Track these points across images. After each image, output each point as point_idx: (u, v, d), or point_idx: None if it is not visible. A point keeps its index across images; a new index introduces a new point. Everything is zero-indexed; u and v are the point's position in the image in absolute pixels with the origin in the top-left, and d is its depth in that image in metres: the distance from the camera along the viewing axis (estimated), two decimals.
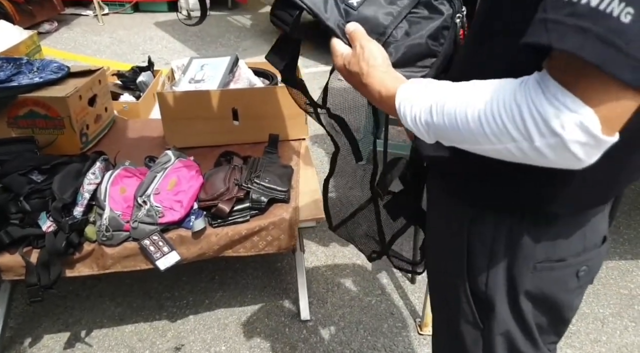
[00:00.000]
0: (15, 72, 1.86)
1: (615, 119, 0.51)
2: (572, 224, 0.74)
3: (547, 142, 0.53)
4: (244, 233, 1.59)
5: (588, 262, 0.77)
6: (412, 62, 0.82)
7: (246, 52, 4.65)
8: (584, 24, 0.47)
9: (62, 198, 1.51)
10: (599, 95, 0.50)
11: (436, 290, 0.95)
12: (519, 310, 0.78)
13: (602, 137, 0.51)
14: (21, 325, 1.85)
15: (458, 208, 0.80)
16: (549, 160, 0.55)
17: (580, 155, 0.53)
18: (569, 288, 0.78)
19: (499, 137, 0.56)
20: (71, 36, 5.01)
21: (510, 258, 0.75)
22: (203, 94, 1.94)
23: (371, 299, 1.99)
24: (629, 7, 0.46)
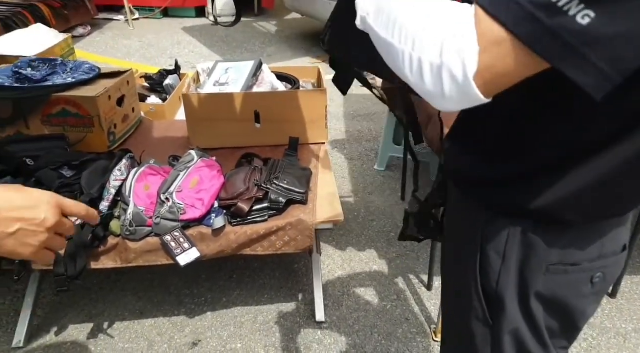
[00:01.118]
0: (50, 72, 1.95)
1: (494, 76, 0.53)
2: (588, 231, 0.74)
3: (430, 59, 0.55)
4: (262, 232, 1.63)
5: (604, 269, 0.77)
6: None
7: (271, 58, 4.72)
8: (539, 15, 0.49)
9: (90, 193, 1.57)
10: (494, 49, 0.52)
11: (448, 287, 0.96)
12: (529, 311, 0.79)
13: (471, 81, 0.53)
14: (48, 315, 1.92)
15: (474, 209, 0.82)
16: (422, 81, 0.57)
17: (446, 89, 0.55)
18: (582, 293, 0.78)
19: (408, 38, 0.58)
20: (103, 40, 5.17)
21: (522, 259, 0.76)
22: (227, 97, 1.99)
23: (386, 304, 2.00)
24: (589, 10, 0.47)
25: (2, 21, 3.97)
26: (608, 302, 2.01)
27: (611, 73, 0.49)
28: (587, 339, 1.85)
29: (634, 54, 0.49)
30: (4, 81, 1.87)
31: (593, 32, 0.47)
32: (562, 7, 0.47)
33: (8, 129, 1.91)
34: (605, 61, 0.49)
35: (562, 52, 0.49)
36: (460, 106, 0.58)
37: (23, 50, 2.67)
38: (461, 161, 0.83)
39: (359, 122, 3.50)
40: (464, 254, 0.84)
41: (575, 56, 0.49)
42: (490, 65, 0.52)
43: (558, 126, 0.66)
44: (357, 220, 2.47)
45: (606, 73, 0.49)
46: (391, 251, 2.27)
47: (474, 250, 0.81)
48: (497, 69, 0.53)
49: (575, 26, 0.47)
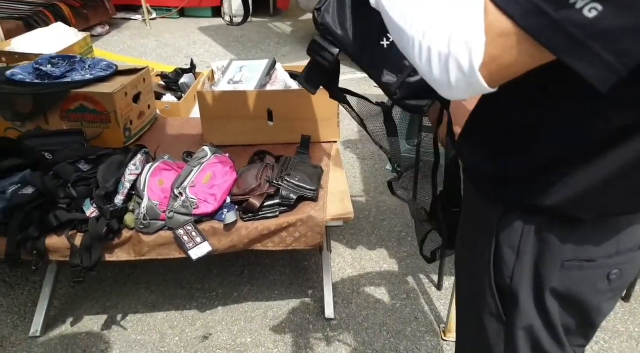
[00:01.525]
0: (69, 69, 2.00)
1: (500, 67, 0.54)
2: (603, 227, 0.73)
3: (438, 48, 0.56)
4: (273, 228, 1.65)
5: (621, 266, 0.76)
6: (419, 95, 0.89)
7: (285, 58, 4.75)
8: (546, 8, 0.49)
9: (105, 186, 1.61)
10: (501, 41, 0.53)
11: (462, 283, 0.96)
12: (544, 307, 0.78)
13: (477, 72, 0.54)
14: (64, 306, 1.96)
15: (490, 205, 0.81)
16: (430, 70, 0.58)
17: (452, 78, 0.56)
18: (598, 290, 0.77)
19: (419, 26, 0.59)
20: (121, 39, 5.24)
21: (537, 255, 0.76)
22: (240, 94, 2.02)
23: (396, 303, 2.01)
24: (596, 3, 0.47)
25: (23, 20, 4.06)
26: (621, 305, 1.99)
27: (617, 65, 0.50)
28: (599, 342, 1.84)
29: (638, 47, 0.49)
30: (25, 77, 1.92)
31: (600, 25, 0.48)
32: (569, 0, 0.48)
33: (28, 124, 1.97)
34: (611, 54, 0.49)
35: (569, 45, 0.50)
36: (466, 95, 0.59)
37: (43, 49, 2.73)
38: (474, 159, 0.84)
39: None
40: (478, 249, 0.84)
41: (581, 49, 0.50)
42: (496, 57, 0.53)
43: (568, 124, 0.66)
44: (368, 220, 2.49)
45: (612, 65, 0.50)
46: (402, 250, 2.28)
47: (488, 245, 0.81)
48: (503, 61, 0.54)
49: (582, 19, 0.48)
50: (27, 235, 1.55)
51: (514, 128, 0.74)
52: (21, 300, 1.98)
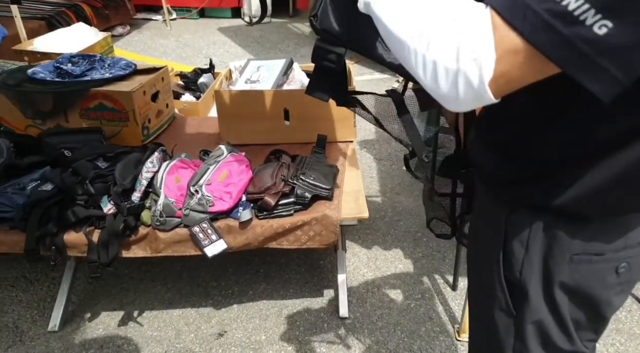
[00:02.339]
0: (89, 67, 2.03)
1: (508, 81, 0.54)
2: (610, 223, 0.73)
3: (445, 63, 0.55)
4: (287, 226, 1.65)
5: (629, 259, 0.76)
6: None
7: (304, 58, 4.76)
8: (556, 24, 0.49)
9: (123, 183, 1.63)
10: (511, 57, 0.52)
11: (473, 278, 0.97)
12: (553, 301, 0.78)
13: (487, 86, 0.53)
14: (82, 301, 1.99)
15: (498, 201, 0.82)
16: (436, 85, 0.57)
17: (461, 93, 0.55)
18: (607, 283, 0.77)
19: (422, 36, 0.57)
20: (141, 39, 5.32)
21: (546, 249, 0.76)
22: (257, 94, 2.03)
23: (410, 302, 1.99)
24: (607, 20, 0.47)
25: (46, 20, 4.14)
26: (638, 308, 1.95)
27: (624, 80, 0.50)
28: (614, 344, 1.80)
29: None
30: (46, 76, 1.96)
31: (609, 41, 0.48)
32: (579, 16, 0.48)
33: (48, 121, 2.00)
34: (619, 69, 0.50)
35: (578, 61, 0.50)
36: (471, 107, 0.59)
37: (65, 48, 2.78)
38: (484, 158, 0.85)
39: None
40: (487, 244, 0.85)
41: (590, 65, 0.50)
42: (505, 72, 0.53)
43: (575, 126, 0.67)
44: (384, 220, 2.47)
45: (619, 80, 0.50)
46: (417, 251, 2.26)
47: (497, 240, 0.81)
48: (512, 75, 0.54)
49: (592, 36, 0.48)
50: (46, 231, 1.58)
51: (522, 130, 0.75)
52: (40, 296, 2.02)
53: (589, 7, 0.47)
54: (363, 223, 2.40)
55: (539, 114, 0.71)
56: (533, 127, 0.72)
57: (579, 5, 0.48)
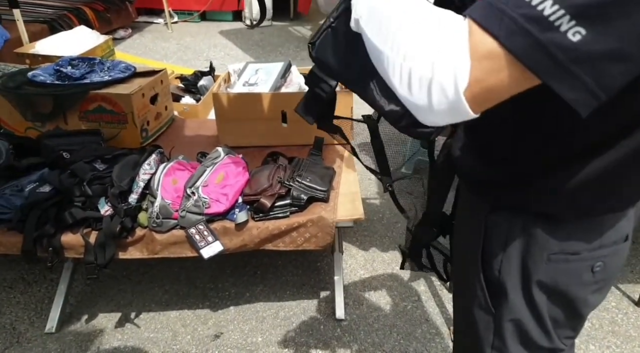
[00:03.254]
0: (89, 70, 2.05)
1: (483, 91, 0.53)
2: (587, 223, 0.75)
3: (420, 72, 0.54)
4: (283, 228, 1.66)
5: (604, 258, 0.78)
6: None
7: (304, 61, 4.77)
8: (531, 29, 0.49)
9: (120, 185, 1.64)
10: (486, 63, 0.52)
11: (455, 277, 0.99)
12: (531, 299, 0.80)
13: (462, 96, 0.52)
14: (79, 303, 2.00)
15: (479, 202, 0.84)
16: (409, 93, 0.56)
17: (434, 103, 0.54)
18: (583, 282, 0.79)
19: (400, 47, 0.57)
20: (142, 42, 5.34)
21: (524, 248, 0.78)
22: (255, 96, 2.04)
23: (407, 304, 2.00)
24: (580, 27, 0.47)
25: (48, 23, 4.17)
26: (635, 310, 1.95)
27: (597, 90, 0.50)
28: (610, 347, 1.80)
29: (620, 72, 0.50)
30: (46, 78, 1.97)
31: (583, 49, 0.48)
32: (554, 21, 0.48)
33: (48, 124, 2.02)
34: (592, 78, 0.50)
35: (551, 67, 0.50)
36: (446, 121, 0.58)
37: (66, 51, 2.80)
38: (464, 159, 0.86)
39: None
40: (468, 244, 0.86)
41: (563, 72, 0.50)
42: (480, 79, 0.52)
43: (551, 133, 0.68)
44: (382, 222, 2.48)
45: (592, 90, 0.50)
46: None
47: (477, 239, 0.83)
48: (488, 83, 0.53)
49: (567, 42, 0.48)
50: (43, 232, 1.59)
51: (499, 134, 0.76)
52: (38, 297, 2.03)
53: (564, 13, 0.47)
54: (360, 225, 2.41)
55: (517, 123, 0.72)
56: (512, 134, 0.74)
57: (554, 11, 0.48)
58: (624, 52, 0.49)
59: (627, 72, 0.50)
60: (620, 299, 2.01)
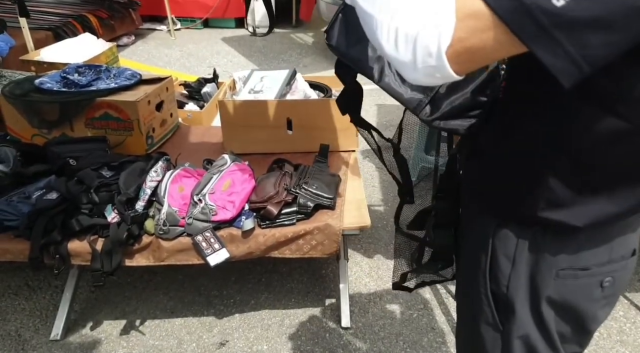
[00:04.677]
0: (95, 77, 2.05)
1: (466, 50, 0.53)
2: (596, 236, 0.75)
3: (405, 29, 0.56)
4: (290, 235, 1.66)
5: (613, 274, 0.77)
6: (459, 115, 0.86)
7: (306, 68, 4.79)
8: None
9: (127, 192, 1.64)
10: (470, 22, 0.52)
11: (460, 291, 0.97)
12: (540, 316, 0.79)
13: (443, 53, 0.53)
14: (84, 310, 2.00)
15: (485, 215, 0.83)
16: (395, 50, 0.57)
17: (418, 59, 0.55)
18: (593, 297, 0.78)
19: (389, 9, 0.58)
20: (146, 49, 5.36)
21: (532, 264, 0.77)
22: (261, 104, 2.05)
23: (413, 313, 1.99)
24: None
25: (53, 30, 4.18)
26: None
27: (579, 59, 0.50)
28: None
29: (601, 42, 0.50)
30: (53, 86, 1.98)
31: (566, 14, 0.49)
32: None
33: (54, 130, 2.02)
34: (574, 45, 0.50)
35: (534, 32, 0.50)
36: (430, 80, 0.59)
37: (71, 58, 2.81)
38: (471, 170, 0.86)
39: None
40: (474, 258, 0.85)
41: (546, 37, 0.50)
42: (463, 38, 0.53)
43: (564, 132, 0.68)
44: (386, 229, 2.47)
45: (574, 58, 0.50)
46: None
47: (484, 254, 0.82)
48: (470, 43, 0.53)
49: (551, 7, 0.49)
50: (50, 239, 1.59)
51: (504, 143, 0.76)
52: (43, 304, 2.02)
53: None
54: (365, 232, 2.41)
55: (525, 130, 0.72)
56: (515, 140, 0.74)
57: None
58: (606, 21, 0.49)
59: (610, 43, 0.50)
60: (629, 308, 2.00)
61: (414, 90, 0.87)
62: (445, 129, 0.87)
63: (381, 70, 0.89)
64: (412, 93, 0.87)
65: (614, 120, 0.63)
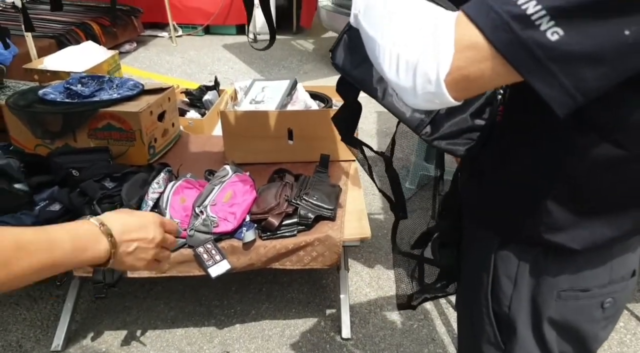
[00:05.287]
0: (98, 88, 2.07)
1: (464, 79, 0.55)
2: (596, 257, 0.76)
3: (407, 55, 0.58)
4: (290, 247, 1.67)
5: (614, 294, 0.78)
6: (456, 136, 0.88)
7: (307, 75, 4.81)
8: (514, 26, 0.51)
9: (129, 204, 1.65)
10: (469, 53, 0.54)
11: (462, 310, 0.98)
12: (542, 336, 0.80)
13: (442, 81, 0.55)
14: (85, 320, 2.00)
15: (487, 235, 0.84)
16: (397, 76, 0.60)
17: (418, 86, 0.57)
18: (594, 318, 0.79)
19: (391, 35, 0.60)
20: (147, 56, 5.38)
21: (534, 285, 0.78)
22: (262, 114, 2.06)
23: (413, 323, 1.99)
24: (558, 28, 0.50)
25: (56, 38, 4.21)
26: None
27: (573, 91, 0.52)
28: None
29: (595, 74, 0.52)
30: (56, 96, 1.99)
31: (560, 48, 0.50)
32: (535, 20, 0.50)
33: (57, 141, 2.03)
34: (568, 77, 0.52)
35: (530, 64, 0.52)
36: (430, 105, 0.61)
37: (73, 66, 2.82)
38: (471, 192, 0.87)
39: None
40: (476, 278, 0.86)
41: (542, 69, 0.52)
42: (461, 67, 0.55)
43: (561, 160, 0.69)
44: (386, 238, 2.48)
45: (568, 89, 0.52)
46: None
47: (486, 274, 0.83)
48: (468, 72, 0.55)
49: (545, 41, 0.51)
50: None
51: (512, 170, 0.77)
52: (44, 314, 2.02)
53: (545, 13, 0.50)
54: (365, 242, 2.41)
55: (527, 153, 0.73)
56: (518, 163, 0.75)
57: (536, 10, 0.50)
58: (599, 55, 0.51)
59: (602, 76, 0.52)
60: (629, 319, 2.00)
61: (416, 110, 0.88)
62: (445, 149, 0.88)
63: (384, 90, 0.90)
64: (414, 113, 0.89)
65: (611, 148, 0.64)
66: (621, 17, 0.49)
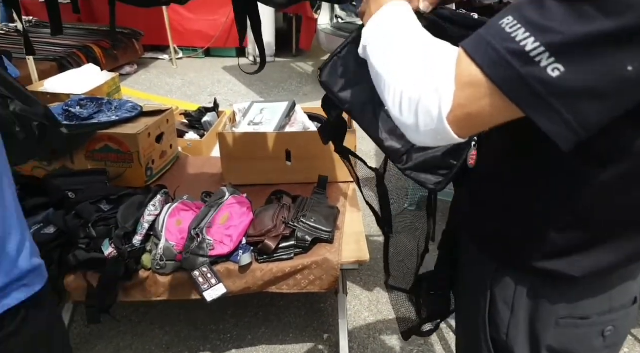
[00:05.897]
0: (97, 110, 2.07)
1: (467, 116, 0.55)
2: (595, 285, 0.74)
3: (409, 93, 0.58)
4: (287, 270, 1.65)
5: (615, 323, 0.76)
6: (429, 170, 0.90)
7: (307, 97, 4.84)
8: (513, 62, 0.51)
9: (125, 227, 1.64)
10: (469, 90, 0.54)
11: (460, 334, 0.96)
12: None
13: (444, 118, 0.55)
14: (78, 346, 1.96)
15: (485, 259, 0.83)
16: (400, 114, 0.60)
17: (421, 123, 0.58)
18: (594, 347, 0.77)
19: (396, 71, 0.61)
20: (148, 78, 5.43)
21: (532, 311, 0.76)
22: (260, 136, 2.06)
23: (413, 348, 1.95)
24: (559, 64, 0.49)
25: (57, 61, 4.25)
26: None
27: (576, 126, 0.52)
28: None
29: (596, 109, 0.51)
30: None
31: (561, 85, 0.50)
32: (534, 57, 0.50)
33: (54, 163, 2.03)
34: (570, 113, 0.51)
35: (531, 100, 0.52)
36: (434, 142, 0.61)
37: (74, 89, 2.85)
38: (471, 217, 0.87)
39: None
40: (474, 303, 0.85)
41: (543, 105, 0.51)
42: (463, 105, 0.55)
43: (561, 188, 0.68)
44: None
45: (570, 124, 0.52)
46: None
47: (483, 299, 0.82)
48: (470, 109, 0.55)
49: (545, 77, 0.50)
50: None
51: (511, 197, 0.77)
52: None
53: (544, 50, 0.50)
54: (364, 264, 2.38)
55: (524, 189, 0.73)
56: (521, 196, 0.74)
57: (535, 47, 0.50)
58: (600, 90, 0.50)
59: (604, 111, 0.52)
60: (633, 345, 1.97)
61: (392, 138, 0.90)
62: (416, 180, 0.90)
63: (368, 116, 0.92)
64: (391, 141, 0.90)
65: (612, 176, 0.63)
66: (623, 53, 0.48)
